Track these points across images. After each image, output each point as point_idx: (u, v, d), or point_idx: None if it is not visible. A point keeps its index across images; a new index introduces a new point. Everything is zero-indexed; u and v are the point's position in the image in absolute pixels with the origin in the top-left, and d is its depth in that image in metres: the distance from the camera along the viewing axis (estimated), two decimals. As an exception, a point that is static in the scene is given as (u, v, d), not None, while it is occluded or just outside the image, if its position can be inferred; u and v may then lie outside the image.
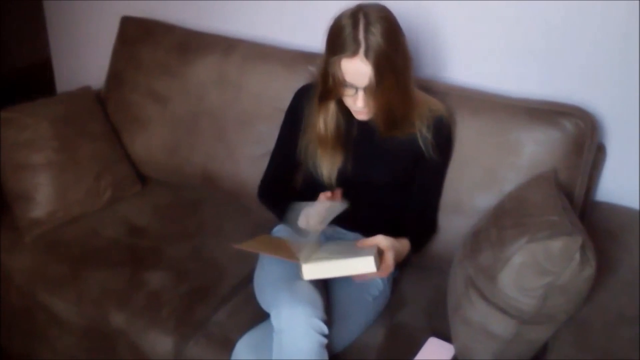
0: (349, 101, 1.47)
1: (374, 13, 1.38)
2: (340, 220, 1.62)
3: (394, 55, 1.39)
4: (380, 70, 1.37)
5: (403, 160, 1.58)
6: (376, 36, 1.36)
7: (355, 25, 1.37)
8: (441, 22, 1.85)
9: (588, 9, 1.65)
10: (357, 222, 1.62)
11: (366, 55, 1.36)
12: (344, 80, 1.41)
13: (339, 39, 1.39)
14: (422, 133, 1.54)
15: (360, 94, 1.42)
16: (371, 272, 1.35)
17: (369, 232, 1.59)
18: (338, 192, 1.55)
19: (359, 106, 1.44)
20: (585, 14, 1.65)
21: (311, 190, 1.61)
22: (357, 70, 1.38)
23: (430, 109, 1.55)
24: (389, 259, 1.41)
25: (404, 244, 1.52)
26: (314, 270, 1.35)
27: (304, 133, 1.61)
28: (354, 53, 1.37)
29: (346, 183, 1.60)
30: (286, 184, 1.73)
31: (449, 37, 1.86)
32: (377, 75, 1.37)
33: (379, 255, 1.40)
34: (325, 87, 1.46)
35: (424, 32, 1.85)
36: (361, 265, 1.34)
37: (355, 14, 1.39)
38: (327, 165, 1.58)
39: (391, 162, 1.58)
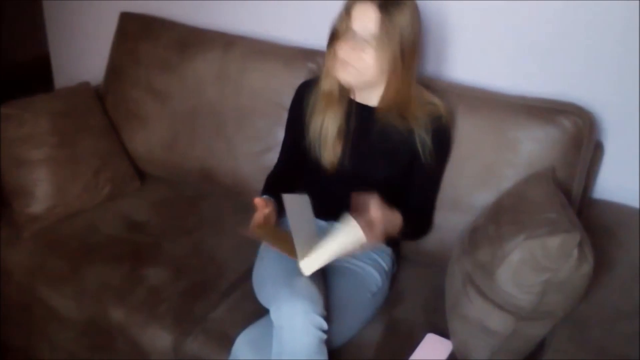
0: (342, 49, 1.48)
1: None
2: (337, 216, 1.62)
3: (405, 28, 1.43)
4: (386, 25, 1.41)
5: (400, 158, 1.58)
6: (397, 4, 1.42)
7: None
8: (442, 20, 1.85)
9: (588, 8, 1.65)
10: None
11: (380, 6, 1.42)
12: (350, 27, 1.45)
13: None
14: (421, 136, 1.54)
15: (357, 39, 1.45)
16: (363, 241, 1.34)
17: None
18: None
19: (348, 49, 1.45)
20: (584, 12, 1.66)
21: (313, 182, 1.64)
22: (365, 14, 1.43)
23: (430, 109, 1.55)
24: (378, 223, 1.38)
25: (396, 215, 1.50)
26: (312, 263, 1.36)
27: (308, 125, 1.62)
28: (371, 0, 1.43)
29: (345, 178, 1.61)
30: (292, 181, 1.73)
31: (449, 34, 1.86)
32: (381, 28, 1.42)
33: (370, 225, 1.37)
34: (333, 30, 1.51)
35: (425, 29, 1.85)
36: (351, 237, 1.33)
37: None
38: (329, 157, 1.59)
39: (388, 159, 1.58)
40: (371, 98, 1.57)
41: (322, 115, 1.59)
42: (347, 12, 1.48)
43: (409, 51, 1.47)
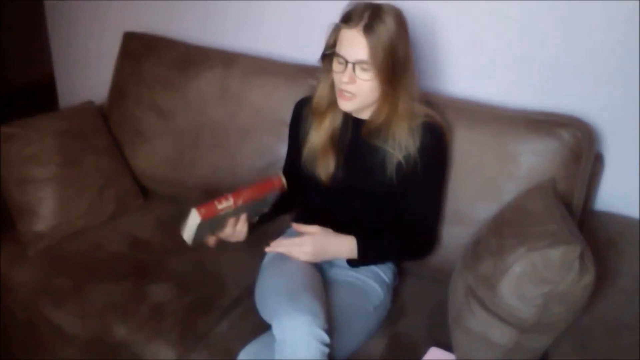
0: (337, 78, 1.50)
1: (389, 7, 1.46)
2: (334, 229, 1.62)
3: (393, 39, 1.44)
4: (375, 47, 1.42)
5: (392, 170, 1.56)
6: (382, 20, 1.43)
7: (367, 6, 1.45)
8: (440, 35, 1.87)
9: (587, 21, 1.66)
10: (348, 230, 1.62)
11: (365, 29, 1.42)
12: (337, 53, 1.47)
13: (347, 12, 1.47)
14: (408, 148, 1.53)
15: (349, 68, 1.45)
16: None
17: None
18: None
19: (344, 80, 1.47)
20: (583, 25, 1.67)
21: (311, 194, 1.65)
22: (351, 40, 1.44)
23: (423, 121, 1.55)
24: (301, 243, 1.52)
25: (341, 243, 1.56)
26: (187, 232, 1.47)
27: (305, 140, 1.64)
28: (355, 25, 1.43)
29: (340, 190, 1.62)
30: (291, 194, 1.74)
31: (448, 49, 1.88)
32: (370, 51, 1.42)
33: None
34: (323, 55, 1.54)
35: (422, 44, 1.87)
36: (191, 219, 1.44)
37: (372, 2, 1.47)
38: (323, 170, 1.61)
39: (380, 171, 1.57)
40: (365, 112, 1.58)
41: (316, 129, 1.61)
42: (334, 39, 1.50)
43: (400, 62, 1.47)
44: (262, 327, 1.47)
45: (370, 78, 1.46)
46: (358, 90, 1.48)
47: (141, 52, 2.23)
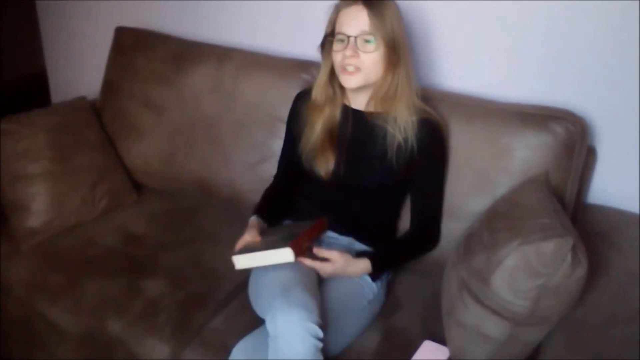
0: (338, 58, 1.51)
1: None
2: (332, 225, 1.63)
3: (393, 21, 1.47)
4: (376, 17, 1.45)
5: (393, 162, 1.57)
6: (380, 2, 1.47)
7: None
8: (434, 30, 1.87)
9: (581, 15, 1.67)
10: (348, 226, 1.63)
11: (365, 3, 1.46)
12: (338, 33, 1.49)
13: None
14: (408, 138, 1.55)
15: (351, 42, 1.47)
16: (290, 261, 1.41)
17: (360, 236, 1.60)
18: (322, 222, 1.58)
19: (347, 54, 1.48)
20: (577, 19, 1.67)
21: (310, 191, 1.64)
22: (352, 16, 1.47)
23: (421, 115, 1.56)
24: (326, 267, 1.49)
25: (357, 268, 1.54)
26: (241, 260, 1.47)
27: (303, 135, 1.64)
28: (354, 1, 1.47)
29: (341, 186, 1.62)
30: (289, 194, 1.74)
31: (442, 44, 1.88)
32: (372, 20, 1.45)
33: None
34: (324, 40, 1.56)
35: (417, 39, 1.87)
36: (280, 256, 1.42)
37: None
38: (323, 166, 1.61)
39: (382, 164, 1.58)
40: (364, 102, 1.58)
41: (315, 124, 1.61)
42: (335, 20, 1.51)
43: (399, 46, 1.49)
44: (256, 322, 1.47)
45: (373, 49, 1.47)
46: (362, 64, 1.49)
47: (133, 47, 2.22)
